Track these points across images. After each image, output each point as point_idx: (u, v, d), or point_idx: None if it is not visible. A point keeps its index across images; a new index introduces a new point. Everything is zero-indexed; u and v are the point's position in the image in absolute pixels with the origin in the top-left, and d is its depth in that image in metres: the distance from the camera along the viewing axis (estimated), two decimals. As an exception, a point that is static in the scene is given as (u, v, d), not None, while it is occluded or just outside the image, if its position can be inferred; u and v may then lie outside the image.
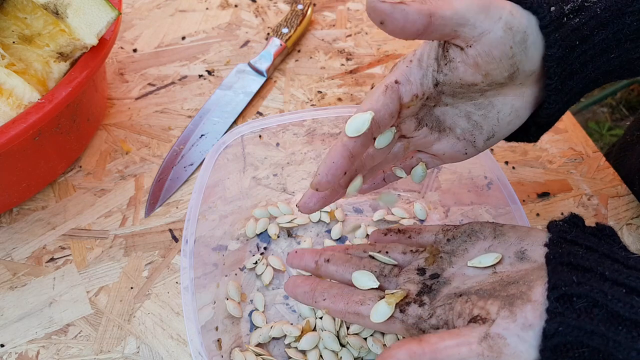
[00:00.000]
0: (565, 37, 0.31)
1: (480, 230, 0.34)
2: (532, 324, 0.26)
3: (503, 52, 0.30)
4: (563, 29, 0.31)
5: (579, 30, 0.31)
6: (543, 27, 0.31)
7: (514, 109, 0.34)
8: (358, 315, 0.34)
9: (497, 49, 0.30)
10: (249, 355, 0.40)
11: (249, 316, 0.44)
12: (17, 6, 0.45)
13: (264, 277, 0.46)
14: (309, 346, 0.41)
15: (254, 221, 0.49)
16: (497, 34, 0.30)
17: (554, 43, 0.31)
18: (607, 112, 1.57)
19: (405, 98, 0.33)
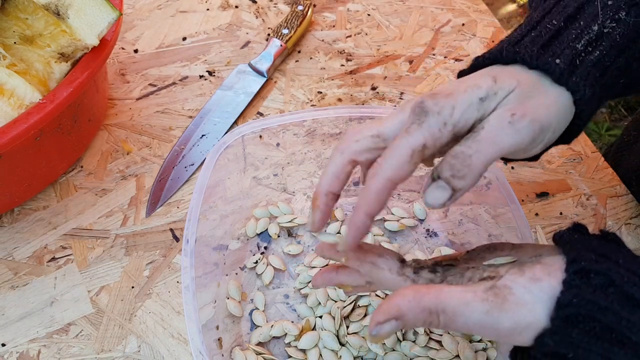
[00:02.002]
0: (586, 76, 0.31)
1: (501, 247, 0.34)
2: (540, 278, 0.27)
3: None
4: (580, 69, 0.30)
5: (600, 63, 0.31)
6: (557, 80, 0.30)
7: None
8: (373, 265, 0.32)
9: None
10: (249, 354, 0.41)
11: (249, 315, 0.44)
12: (18, 7, 0.45)
13: (264, 277, 0.46)
14: (309, 345, 0.41)
15: (254, 221, 0.49)
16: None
17: (576, 87, 0.30)
18: (605, 113, 1.57)
19: (426, 157, 0.30)
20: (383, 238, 0.48)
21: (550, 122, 0.30)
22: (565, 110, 0.31)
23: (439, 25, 0.68)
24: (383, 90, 0.60)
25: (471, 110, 0.29)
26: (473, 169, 0.28)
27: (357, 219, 0.29)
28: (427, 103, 0.29)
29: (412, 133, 0.29)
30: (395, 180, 0.29)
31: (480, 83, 0.30)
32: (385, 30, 0.67)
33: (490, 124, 0.29)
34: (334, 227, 0.49)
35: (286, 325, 0.42)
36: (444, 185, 0.29)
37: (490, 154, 0.28)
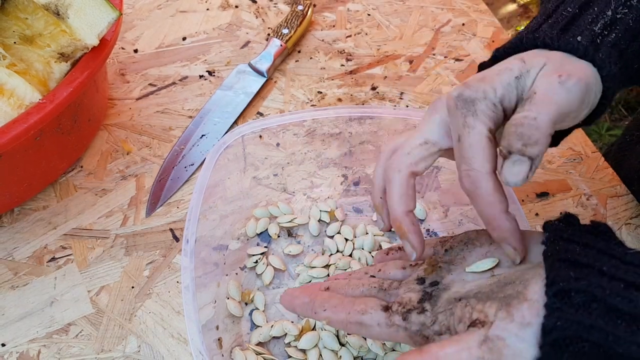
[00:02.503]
0: (609, 55, 0.31)
1: (477, 237, 0.34)
2: (530, 322, 0.26)
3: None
4: (604, 48, 0.31)
5: (617, 46, 0.31)
6: (582, 56, 0.30)
7: None
8: (360, 325, 0.32)
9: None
10: (249, 354, 0.41)
11: (249, 315, 0.44)
12: (18, 7, 0.45)
13: (264, 277, 0.46)
14: (309, 345, 0.41)
15: (254, 221, 0.49)
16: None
17: (602, 63, 0.30)
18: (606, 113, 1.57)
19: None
20: (383, 238, 0.48)
21: (592, 83, 0.29)
22: (595, 83, 0.30)
23: (439, 25, 0.68)
24: (383, 90, 0.60)
25: (511, 89, 0.29)
26: (543, 131, 0.27)
27: (500, 221, 0.29)
28: (467, 92, 0.29)
29: (474, 125, 0.29)
30: (494, 169, 0.29)
31: (511, 66, 0.30)
32: (385, 30, 0.67)
33: (541, 88, 0.28)
34: (334, 227, 0.49)
35: (286, 325, 0.42)
36: (519, 158, 0.27)
37: (552, 113, 0.27)
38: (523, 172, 0.27)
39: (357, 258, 0.46)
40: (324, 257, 0.47)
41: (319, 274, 0.45)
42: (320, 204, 0.50)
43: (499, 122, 0.29)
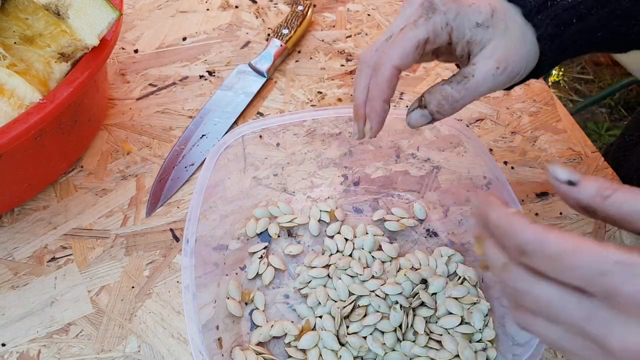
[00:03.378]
0: (554, 17, 0.35)
1: None
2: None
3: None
4: (548, 10, 0.35)
5: (574, 9, 0.35)
6: (525, 15, 0.35)
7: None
8: None
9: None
10: (249, 354, 0.41)
11: (249, 315, 0.44)
12: (18, 7, 0.45)
13: (264, 277, 0.46)
14: (309, 345, 0.41)
15: (254, 221, 0.49)
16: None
17: (541, 23, 0.35)
18: (605, 113, 1.57)
19: (427, 51, 0.35)
20: (383, 238, 0.48)
21: (521, 69, 0.35)
22: (529, 50, 0.35)
23: (439, 26, 0.68)
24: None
25: (468, 28, 0.34)
26: (455, 109, 0.35)
27: (377, 106, 0.34)
28: (437, 2, 0.33)
29: (419, 26, 0.33)
30: (401, 67, 0.33)
31: (482, 8, 0.34)
32: (385, 31, 0.67)
33: (478, 74, 0.34)
34: (334, 227, 0.49)
35: (286, 325, 0.42)
36: (427, 115, 0.35)
37: (472, 99, 0.34)
38: (422, 123, 0.36)
39: (357, 258, 0.46)
40: (324, 257, 0.47)
41: (319, 274, 0.45)
42: (320, 204, 0.50)
43: (441, 40, 0.34)
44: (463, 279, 0.44)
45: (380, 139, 0.50)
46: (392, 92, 0.34)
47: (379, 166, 0.51)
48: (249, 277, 0.46)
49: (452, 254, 0.47)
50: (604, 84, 1.64)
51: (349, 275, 0.45)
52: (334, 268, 0.46)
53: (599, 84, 1.65)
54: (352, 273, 0.45)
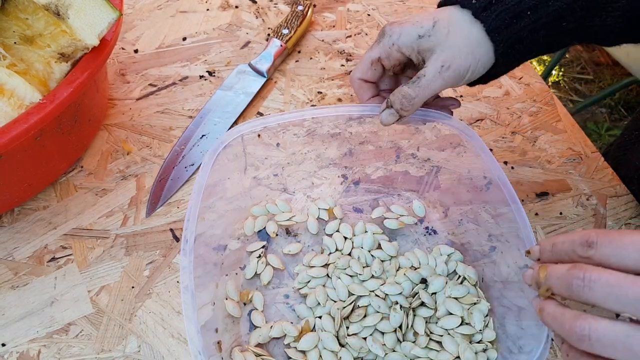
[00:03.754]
0: (501, 12, 0.38)
1: None
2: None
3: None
4: (494, 7, 0.38)
5: (524, 2, 0.38)
6: (474, 14, 0.39)
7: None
8: None
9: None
10: (248, 356, 0.41)
11: (248, 315, 0.44)
12: (18, 7, 0.45)
13: (263, 277, 0.46)
14: (309, 347, 0.41)
15: (252, 219, 0.49)
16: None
17: (486, 19, 0.39)
18: (605, 113, 1.57)
19: (387, 67, 0.43)
20: (382, 236, 0.48)
21: (467, 64, 0.39)
22: (475, 47, 0.39)
23: (439, 26, 0.68)
24: (383, 91, 0.60)
25: (411, 41, 0.40)
26: (415, 106, 0.41)
27: (362, 101, 0.45)
28: (386, 28, 0.42)
29: (374, 49, 0.43)
30: (364, 78, 0.44)
31: (424, 23, 0.40)
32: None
33: (427, 74, 0.40)
34: (333, 225, 0.49)
35: (285, 326, 0.42)
36: (394, 112, 0.42)
37: (427, 96, 0.40)
38: (392, 121, 0.42)
39: (356, 257, 0.46)
40: (323, 256, 0.47)
41: (318, 273, 0.45)
42: (319, 202, 0.50)
43: (394, 56, 0.42)
44: (463, 278, 0.44)
45: (380, 139, 0.50)
46: (365, 97, 0.45)
47: (379, 166, 0.51)
48: (247, 276, 0.46)
49: (452, 252, 0.47)
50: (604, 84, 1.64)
51: (348, 275, 0.45)
52: (333, 267, 0.46)
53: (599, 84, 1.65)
54: (351, 272, 0.45)
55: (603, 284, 0.26)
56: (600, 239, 0.27)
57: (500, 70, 0.41)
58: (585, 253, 0.28)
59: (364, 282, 0.44)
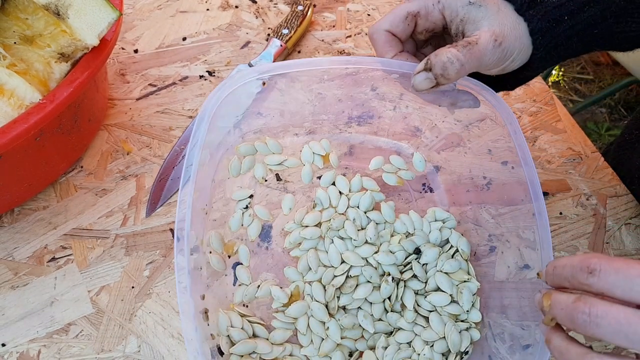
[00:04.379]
0: (545, 13, 0.36)
1: None
2: None
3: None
4: (539, 7, 0.37)
5: (563, 7, 0.36)
6: (517, 10, 0.37)
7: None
8: None
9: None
10: (233, 317, 0.39)
11: (233, 269, 0.42)
12: (18, 7, 0.45)
13: (250, 231, 0.43)
14: (298, 314, 0.40)
15: (237, 160, 0.44)
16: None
17: (532, 18, 0.36)
18: (605, 113, 1.57)
19: (419, 28, 0.39)
20: (379, 195, 0.46)
21: (514, 50, 0.36)
22: (523, 37, 0.37)
23: (438, 26, 0.68)
24: (383, 91, 0.60)
25: (460, 5, 0.37)
26: (459, 74, 0.36)
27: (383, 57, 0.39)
28: None
29: (412, 1, 0.38)
30: (392, 31, 0.38)
31: None
32: (385, 31, 0.67)
33: (480, 42, 0.35)
34: (329, 177, 0.47)
35: (275, 291, 0.41)
36: (432, 77, 0.36)
37: (474, 67, 0.36)
38: (426, 86, 0.37)
39: (351, 218, 0.44)
40: (316, 213, 0.44)
41: (312, 234, 0.43)
42: (314, 145, 0.47)
43: (433, 17, 0.38)
44: (455, 250, 0.44)
45: (381, 139, 0.50)
46: (394, 49, 0.39)
47: (379, 166, 0.51)
48: (232, 229, 0.43)
49: (447, 217, 0.46)
50: (604, 84, 1.64)
51: (341, 239, 0.43)
52: (327, 228, 0.43)
53: (599, 83, 1.65)
54: (345, 235, 0.43)
55: (611, 321, 0.25)
56: (604, 266, 0.26)
57: (526, 75, 0.39)
58: (586, 280, 0.27)
59: (357, 248, 0.43)
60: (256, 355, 0.39)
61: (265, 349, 0.39)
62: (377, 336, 0.41)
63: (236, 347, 0.38)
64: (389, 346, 0.40)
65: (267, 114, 0.58)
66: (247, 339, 0.39)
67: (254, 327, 0.40)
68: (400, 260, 0.43)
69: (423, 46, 0.42)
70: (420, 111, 0.50)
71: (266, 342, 0.39)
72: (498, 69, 0.38)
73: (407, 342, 0.41)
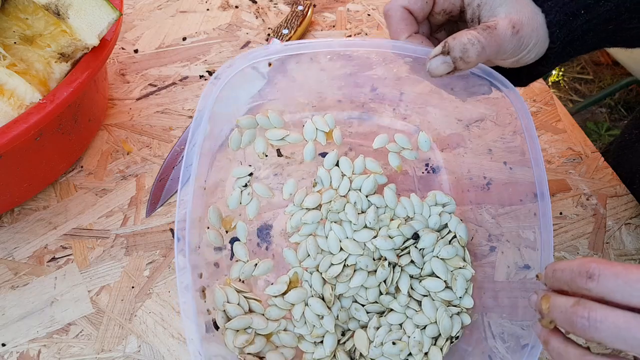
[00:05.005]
0: (563, 5, 0.35)
1: None
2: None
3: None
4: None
5: (580, 0, 0.35)
6: (535, 1, 0.36)
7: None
8: None
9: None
10: (230, 292, 0.39)
11: (230, 243, 0.41)
12: (18, 7, 0.45)
13: (248, 210, 0.41)
14: (295, 300, 0.40)
15: (238, 132, 0.42)
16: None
17: (550, 10, 0.35)
18: (605, 113, 1.57)
19: (437, 8, 0.37)
20: (382, 178, 0.46)
21: (530, 41, 0.35)
22: (540, 28, 0.36)
23: (438, 26, 0.68)
24: (383, 92, 0.60)
25: None
26: (479, 58, 0.34)
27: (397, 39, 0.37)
28: None
29: None
30: (410, 8, 0.36)
31: None
32: (385, 30, 0.67)
33: (499, 28, 0.34)
34: (332, 158, 0.46)
35: (270, 289, 0.40)
36: (449, 61, 0.34)
37: (493, 53, 0.34)
38: (443, 72, 0.34)
39: (352, 202, 0.43)
40: (317, 195, 0.43)
41: (313, 219, 0.42)
42: (317, 120, 0.44)
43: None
44: (453, 236, 0.44)
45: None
46: (410, 29, 0.37)
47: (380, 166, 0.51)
48: (230, 207, 0.41)
49: (447, 201, 0.46)
50: (604, 84, 1.64)
51: (341, 222, 0.43)
52: (327, 210, 0.42)
53: (599, 83, 1.65)
54: (345, 218, 0.42)
55: (610, 325, 0.25)
56: (602, 271, 0.26)
57: (540, 70, 0.39)
58: (585, 285, 0.27)
59: (356, 232, 0.42)
60: (251, 330, 0.39)
61: (261, 324, 0.38)
62: (370, 315, 0.41)
63: (232, 322, 0.38)
64: (381, 327, 0.40)
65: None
66: (243, 315, 0.39)
67: (250, 302, 0.40)
68: (398, 244, 0.42)
69: (437, 31, 0.41)
70: (421, 111, 0.50)
71: (261, 318, 0.39)
72: (514, 59, 0.37)
73: (399, 324, 0.41)
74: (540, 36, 0.36)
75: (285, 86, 0.48)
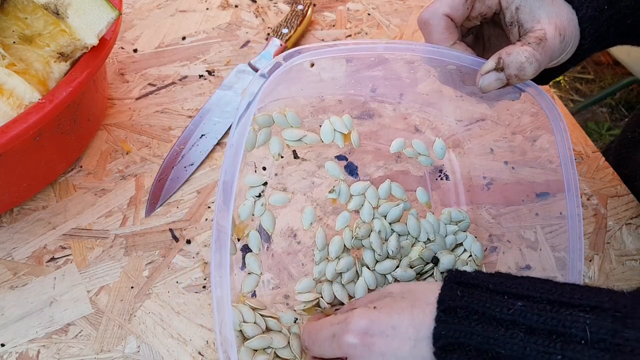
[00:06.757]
0: (591, 0, 0.35)
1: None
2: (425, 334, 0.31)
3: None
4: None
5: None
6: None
7: None
8: None
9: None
10: (245, 311, 0.36)
11: (242, 251, 0.39)
12: (17, 6, 0.45)
13: (264, 223, 0.39)
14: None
15: (253, 132, 0.39)
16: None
17: (580, 5, 0.35)
18: (606, 112, 1.57)
19: (474, 13, 0.37)
20: (405, 204, 0.46)
21: (570, 42, 0.35)
22: (576, 30, 0.35)
23: (439, 25, 0.68)
24: (383, 92, 0.60)
25: None
26: (535, 74, 0.34)
27: (440, 46, 0.37)
28: None
29: None
30: (452, 16, 0.36)
31: None
32: (385, 30, 0.67)
33: (549, 38, 0.34)
34: (360, 187, 0.45)
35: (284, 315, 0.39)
36: (503, 78, 0.34)
37: (545, 65, 0.34)
38: (496, 87, 0.35)
39: (377, 230, 0.42)
40: (338, 239, 0.42)
41: (348, 266, 0.41)
42: (335, 121, 0.42)
43: (487, 1, 0.36)
44: (469, 255, 0.44)
45: (381, 138, 0.50)
46: (453, 37, 0.36)
47: (380, 165, 0.51)
48: (241, 217, 0.38)
49: (462, 218, 0.46)
50: (604, 84, 1.63)
51: (366, 262, 0.42)
52: (351, 237, 0.41)
53: (600, 83, 1.64)
54: (368, 246, 0.42)
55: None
56: (307, 345, 0.35)
57: (565, 66, 0.38)
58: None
59: (379, 263, 0.42)
60: (271, 350, 0.37)
61: (281, 342, 0.37)
62: None
63: (251, 342, 0.36)
64: None
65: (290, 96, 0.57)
66: (262, 334, 0.37)
67: (267, 320, 0.38)
68: (418, 271, 0.42)
69: (465, 35, 0.40)
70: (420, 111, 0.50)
71: (281, 335, 0.37)
72: (553, 62, 0.37)
73: None
74: (575, 34, 0.35)
75: (286, 86, 0.48)
